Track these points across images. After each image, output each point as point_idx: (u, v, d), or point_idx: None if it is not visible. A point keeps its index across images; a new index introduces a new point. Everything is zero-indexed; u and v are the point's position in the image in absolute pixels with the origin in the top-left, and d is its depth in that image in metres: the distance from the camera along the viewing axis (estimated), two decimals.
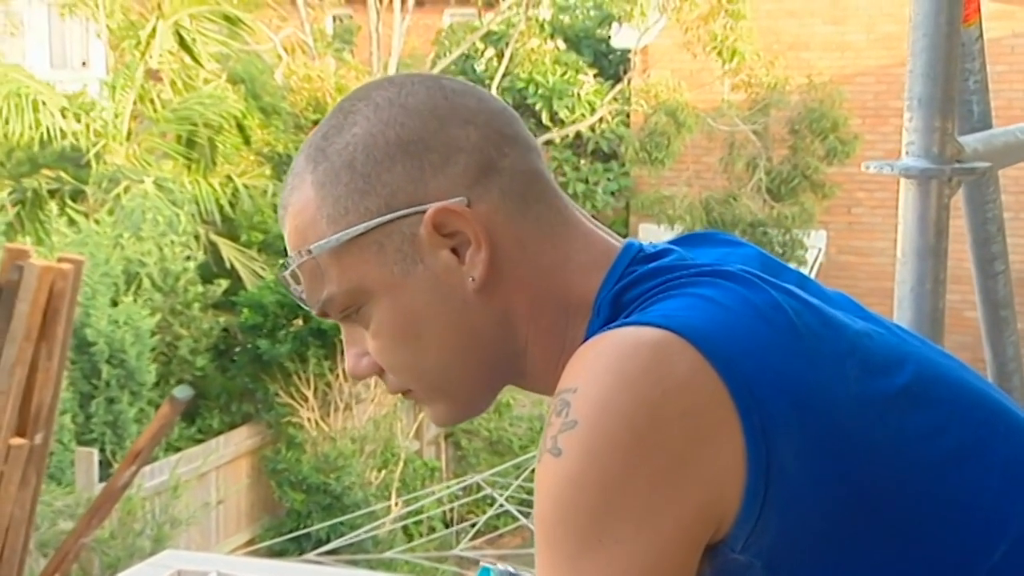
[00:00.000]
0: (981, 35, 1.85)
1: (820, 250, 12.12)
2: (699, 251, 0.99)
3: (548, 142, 12.01)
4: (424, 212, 0.93)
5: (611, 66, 13.11)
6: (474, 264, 0.94)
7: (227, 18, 10.73)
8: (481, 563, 1.05)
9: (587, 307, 0.95)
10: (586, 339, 0.91)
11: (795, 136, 12.20)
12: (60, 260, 3.81)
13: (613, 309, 0.92)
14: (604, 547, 0.81)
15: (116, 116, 10.08)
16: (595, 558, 0.82)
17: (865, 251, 11.41)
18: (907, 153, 1.48)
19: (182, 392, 5.50)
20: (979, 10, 1.84)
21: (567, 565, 0.83)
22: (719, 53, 11.63)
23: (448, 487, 9.93)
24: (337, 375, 9.49)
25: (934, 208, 1.48)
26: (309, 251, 0.96)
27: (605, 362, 0.84)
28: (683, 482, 0.82)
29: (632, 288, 0.93)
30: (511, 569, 1.03)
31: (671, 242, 1.02)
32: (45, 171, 9.73)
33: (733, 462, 0.82)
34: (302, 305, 1.01)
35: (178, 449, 8.58)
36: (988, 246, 1.94)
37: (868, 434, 0.86)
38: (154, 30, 10.16)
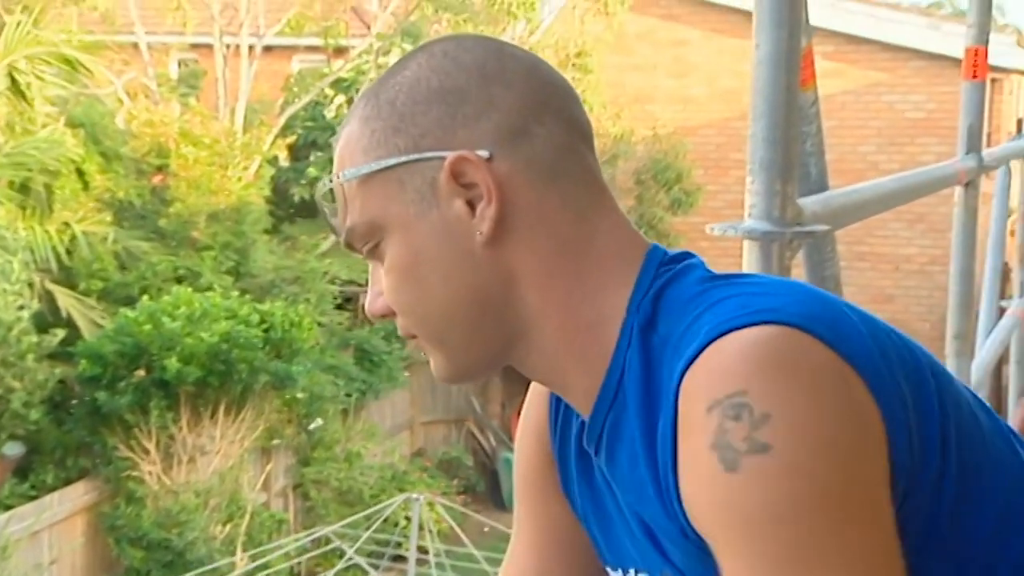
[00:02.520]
0: (817, 99, 1.91)
1: None
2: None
3: None
4: (445, 158, 0.94)
5: None
6: (483, 218, 0.95)
7: (66, 60, 10.42)
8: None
9: (619, 302, 0.95)
10: (624, 336, 0.93)
11: (641, 186, 12.47)
12: None
13: (655, 307, 0.93)
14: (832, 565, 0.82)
15: None
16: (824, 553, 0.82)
17: None
18: (750, 215, 1.51)
19: (12, 449, 5.24)
20: (815, 75, 1.91)
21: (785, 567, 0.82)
22: None
23: (296, 540, 9.73)
24: (181, 426, 9.22)
25: (776, 268, 1.51)
26: (338, 177, 0.99)
27: (768, 364, 0.84)
28: (871, 474, 0.84)
29: (672, 286, 0.94)
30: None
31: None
32: None
33: (885, 447, 0.86)
34: (334, 234, 1.02)
35: (9, 507, 8.19)
36: None
37: (949, 413, 0.91)
38: None
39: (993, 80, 12.16)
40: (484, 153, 0.94)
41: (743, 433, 0.83)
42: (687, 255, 0.98)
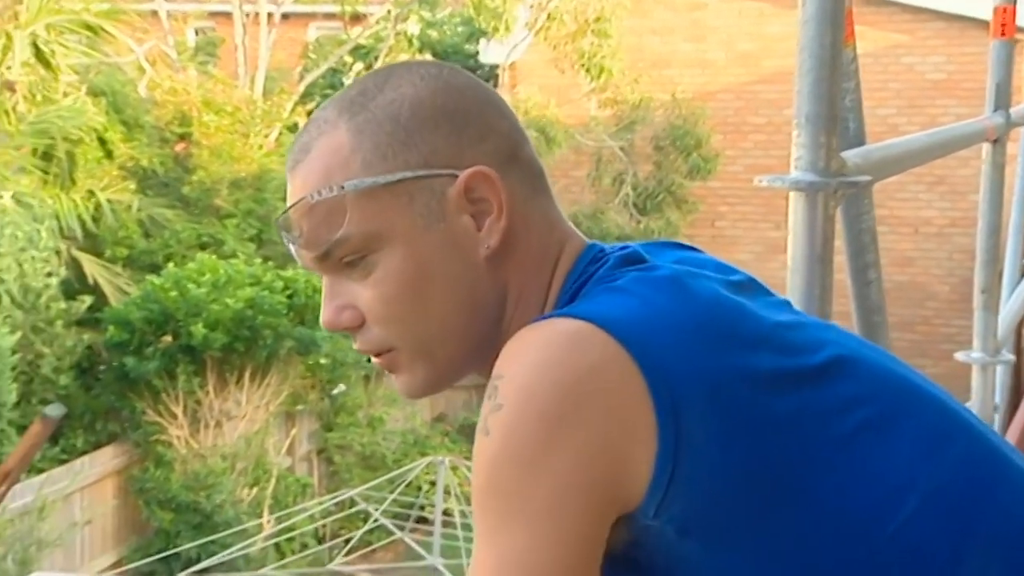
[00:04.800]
0: (855, 56, 1.97)
1: None
2: (658, 254, 1.06)
3: None
4: (457, 175, 0.99)
5: None
6: (492, 232, 1.00)
7: (88, 28, 10.47)
8: None
9: (553, 304, 1.02)
10: None
11: (660, 153, 12.48)
12: None
13: (568, 302, 1.00)
14: (519, 522, 0.87)
15: None
16: (512, 531, 0.88)
17: (728, 262, 11.73)
18: (796, 168, 1.57)
19: (54, 410, 5.35)
20: (854, 32, 1.96)
21: (488, 537, 0.89)
22: (587, 70, 11.84)
23: (321, 503, 9.85)
24: (208, 391, 9.34)
25: (821, 218, 1.57)
26: (341, 187, 0.99)
27: (527, 349, 0.91)
28: (595, 461, 0.88)
29: (586, 284, 1.01)
30: None
31: (639, 245, 1.08)
32: None
33: (644, 441, 0.89)
34: (292, 253, 1.03)
35: (41, 470, 8.33)
36: (863, 256, 2.06)
37: (778, 408, 0.93)
38: (10, 39, 9.86)
39: (1016, 41, 12.11)
40: (493, 172, 1.00)
41: (488, 408, 0.90)
42: (621, 248, 1.04)
